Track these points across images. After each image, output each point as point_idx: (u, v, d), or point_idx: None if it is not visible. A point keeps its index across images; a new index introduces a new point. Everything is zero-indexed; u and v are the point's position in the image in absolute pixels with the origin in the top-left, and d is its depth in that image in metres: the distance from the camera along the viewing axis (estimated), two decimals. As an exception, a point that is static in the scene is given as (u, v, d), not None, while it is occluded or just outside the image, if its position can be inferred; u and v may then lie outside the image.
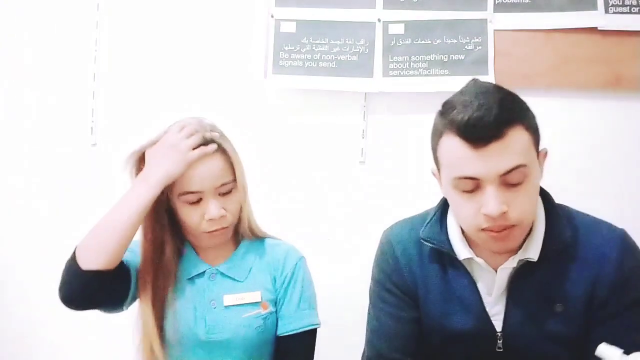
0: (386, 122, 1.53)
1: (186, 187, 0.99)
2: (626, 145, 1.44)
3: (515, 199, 0.80)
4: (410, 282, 0.95)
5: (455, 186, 0.83)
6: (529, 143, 0.81)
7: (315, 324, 1.08)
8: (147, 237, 1.04)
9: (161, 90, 1.61)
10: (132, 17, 1.63)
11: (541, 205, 0.90)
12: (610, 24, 1.42)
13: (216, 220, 1.00)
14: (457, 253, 0.90)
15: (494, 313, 0.90)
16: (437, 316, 0.93)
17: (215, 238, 1.04)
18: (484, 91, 0.81)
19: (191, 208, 1.01)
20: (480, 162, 0.79)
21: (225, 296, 1.05)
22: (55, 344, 1.62)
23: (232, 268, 1.08)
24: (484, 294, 0.91)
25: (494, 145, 0.78)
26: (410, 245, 0.97)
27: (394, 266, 0.97)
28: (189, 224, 1.02)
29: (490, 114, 0.77)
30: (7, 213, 1.65)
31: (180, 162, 0.97)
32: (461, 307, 0.91)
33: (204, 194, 1.00)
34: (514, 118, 0.79)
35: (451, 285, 0.92)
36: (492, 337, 0.90)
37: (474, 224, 0.82)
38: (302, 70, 1.52)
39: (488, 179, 0.79)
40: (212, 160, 1.01)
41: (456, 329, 0.91)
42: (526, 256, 0.86)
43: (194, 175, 0.99)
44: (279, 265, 1.10)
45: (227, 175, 1.03)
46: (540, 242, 0.86)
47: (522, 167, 0.79)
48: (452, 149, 0.82)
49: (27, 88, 1.66)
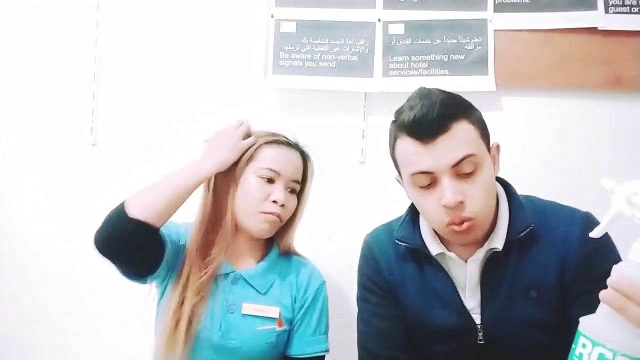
0: (386, 122, 1.51)
1: (266, 164, 1.08)
2: (626, 145, 1.44)
3: (470, 191, 0.85)
4: (390, 280, 0.99)
5: (414, 183, 0.89)
6: (475, 135, 0.87)
7: (326, 350, 1.10)
8: (207, 215, 1.08)
9: (161, 90, 1.61)
10: (132, 17, 1.63)
11: (504, 196, 0.95)
12: (610, 24, 1.42)
13: (276, 206, 1.06)
14: (430, 249, 0.95)
15: (472, 306, 0.93)
16: (417, 313, 0.96)
17: (267, 223, 1.07)
18: (427, 94, 0.88)
19: (261, 184, 1.07)
20: (430, 156, 0.85)
21: (244, 304, 1.05)
22: (57, 344, 1.62)
23: (256, 278, 1.08)
24: (460, 288, 0.94)
25: (441, 139, 0.85)
26: (388, 246, 1.02)
27: (373, 267, 1.02)
28: (253, 198, 1.06)
29: (434, 111, 0.85)
30: (7, 213, 1.65)
31: (232, 149, 1.08)
32: (440, 302, 0.94)
33: (280, 177, 1.09)
34: (457, 113, 0.87)
35: (428, 282, 0.96)
36: (473, 330, 0.92)
37: (438, 219, 0.87)
38: (302, 70, 1.52)
39: (441, 171, 0.85)
40: (293, 153, 1.13)
41: (436, 325, 0.94)
42: (492, 246, 0.90)
43: (276, 156, 1.10)
44: (302, 287, 1.11)
45: (299, 174, 1.14)
46: (504, 231, 0.90)
47: (471, 157, 0.85)
48: (405, 148, 0.89)
49: (27, 88, 1.66)
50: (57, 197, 1.63)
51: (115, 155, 1.62)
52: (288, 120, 1.56)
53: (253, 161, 1.09)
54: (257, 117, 1.21)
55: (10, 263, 1.64)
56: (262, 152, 1.10)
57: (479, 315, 0.92)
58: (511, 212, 0.92)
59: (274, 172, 1.08)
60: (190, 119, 1.57)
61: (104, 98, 1.63)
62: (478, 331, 0.92)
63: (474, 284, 0.93)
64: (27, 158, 1.65)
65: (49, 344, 1.62)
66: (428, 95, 0.88)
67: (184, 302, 1.01)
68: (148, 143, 1.60)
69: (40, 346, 1.63)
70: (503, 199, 0.95)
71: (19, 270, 1.64)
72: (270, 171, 1.08)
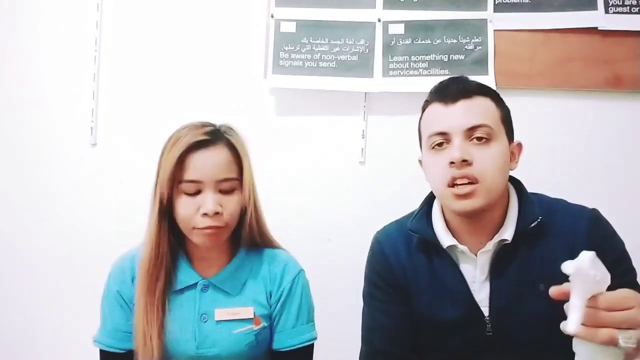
0: (386, 122, 1.53)
1: (185, 174, 0.95)
2: (626, 145, 1.44)
3: (479, 156, 0.89)
4: (400, 276, 1.00)
5: (430, 146, 0.94)
6: (496, 115, 0.93)
7: (313, 338, 1.06)
8: (151, 242, 0.99)
9: (161, 90, 1.61)
10: (133, 17, 1.63)
11: (514, 192, 0.98)
12: (610, 24, 1.42)
13: (210, 217, 0.94)
14: (441, 241, 0.96)
15: (481, 298, 0.94)
16: (427, 306, 0.97)
17: (206, 238, 0.96)
18: (459, 76, 0.99)
19: (187, 200, 0.96)
20: (449, 117, 0.92)
21: (216, 310, 1.01)
22: (51, 344, 1.62)
23: (226, 281, 1.03)
24: (469, 280, 0.95)
25: (462, 102, 0.92)
26: (398, 241, 1.03)
27: (383, 263, 1.02)
28: (182, 217, 0.96)
29: (462, 81, 0.96)
30: (7, 213, 1.65)
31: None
32: (449, 295, 0.95)
33: (203, 185, 0.95)
34: (483, 91, 0.94)
35: (438, 274, 0.97)
36: (481, 322, 0.93)
37: (441, 177, 0.90)
38: (302, 70, 1.52)
39: (454, 132, 0.90)
40: (216, 151, 0.97)
41: (446, 318, 0.95)
42: (501, 237, 0.92)
43: (195, 163, 0.95)
44: (276, 280, 1.06)
45: (230, 171, 0.98)
46: (514, 224, 0.93)
47: (486, 127, 0.90)
48: (429, 113, 0.97)
49: (27, 88, 1.66)
50: (57, 197, 1.63)
51: (115, 155, 1.62)
52: (288, 121, 1.57)
53: (174, 174, 0.96)
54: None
55: (10, 263, 1.64)
56: (180, 163, 0.96)
57: (488, 307, 0.93)
58: (521, 205, 0.95)
59: (195, 184, 0.95)
60: (190, 119, 1.57)
61: (104, 98, 1.63)
62: (487, 323, 0.93)
63: (483, 276, 0.94)
64: (27, 158, 1.65)
65: (48, 344, 1.62)
66: (460, 77, 0.98)
67: (148, 318, 0.98)
68: (148, 143, 1.59)
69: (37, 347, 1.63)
70: (513, 194, 0.97)
71: (19, 270, 1.64)
72: (191, 183, 0.95)
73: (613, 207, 1.01)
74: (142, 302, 0.98)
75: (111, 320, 1.03)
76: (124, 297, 1.03)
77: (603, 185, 1.43)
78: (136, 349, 0.99)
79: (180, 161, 0.95)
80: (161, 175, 0.97)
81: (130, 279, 1.03)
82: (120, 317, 1.03)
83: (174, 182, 0.96)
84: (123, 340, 1.02)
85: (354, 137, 1.54)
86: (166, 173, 0.95)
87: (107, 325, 1.04)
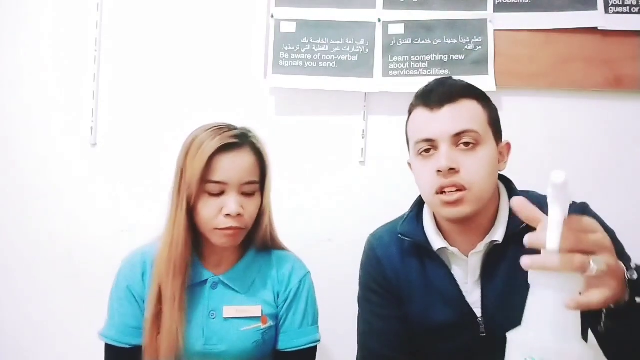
0: (386, 122, 1.53)
1: (211, 175, 0.97)
2: (626, 145, 1.44)
3: (467, 163, 0.88)
4: (393, 280, 1.00)
5: (417, 152, 0.93)
6: (483, 118, 0.92)
7: (317, 340, 1.08)
8: (179, 240, 1.00)
9: (161, 90, 1.61)
10: (133, 17, 1.63)
11: (505, 191, 0.97)
12: (610, 24, 1.42)
13: (233, 218, 0.98)
14: (432, 244, 0.96)
15: (473, 300, 0.94)
16: (420, 309, 0.97)
17: (226, 238, 1.00)
18: (444, 78, 0.98)
19: (211, 200, 0.98)
20: (434, 123, 0.91)
21: (225, 308, 1.03)
22: (51, 344, 1.62)
23: (235, 279, 1.05)
24: (461, 283, 0.95)
25: (447, 107, 0.90)
26: (391, 244, 1.02)
27: (376, 267, 1.03)
28: (205, 216, 0.98)
29: (446, 84, 0.94)
30: (7, 213, 1.65)
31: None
32: (441, 298, 0.95)
33: (228, 187, 0.98)
34: (469, 93, 0.93)
35: (430, 278, 0.97)
36: (475, 324, 0.93)
37: (430, 186, 0.90)
38: (302, 70, 1.52)
39: (441, 139, 0.89)
40: (242, 154, 1.01)
41: (439, 322, 0.95)
42: (492, 239, 0.92)
43: (223, 165, 0.98)
44: (284, 281, 1.08)
45: (254, 174, 1.02)
46: (504, 224, 0.93)
47: (472, 132, 0.89)
48: (414, 117, 0.96)
49: (27, 88, 1.66)
50: (57, 197, 1.63)
51: (115, 155, 1.62)
52: (288, 120, 1.57)
53: (198, 174, 0.98)
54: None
55: (9, 263, 1.64)
56: (208, 164, 0.99)
57: (480, 308, 0.93)
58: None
59: (220, 185, 0.98)
60: (190, 118, 1.57)
61: (104, 98, 1.63)
62: (480, 324, 0.93)
63: (475, 277, 0.94)
64: (27, 158, 1.65)
65: (48, 344, 1.62)
66: (445, 78, 0.97)
67: (160, 314, 0.99)
68: (148, 143, 1.60)
69: (37, 347, 1.63)
70: (504, 194, 0.97)
71: (19, 270, 1.64)
72: (216, 184, 0.98)
73: (613, 206, 1.01)
74: (169, 295, 0.99)
75: (119, 315, 1.04)
76: (133, 293, 1.04)
77: (603, 185, 1.43)
78: (145, 345, 1.00)
79: (209, 162, 0.98)
80: (189, 176, 0.98)
81: (140, 275, 1.04)
82: (129, 312, 1.04)
83: (200, 182, 0.98)
84: (130, 336, 1.02)
85: (354, 137, 1.54)
86: (195, 173, 0.97)
87: (114, 320, 1.05)
